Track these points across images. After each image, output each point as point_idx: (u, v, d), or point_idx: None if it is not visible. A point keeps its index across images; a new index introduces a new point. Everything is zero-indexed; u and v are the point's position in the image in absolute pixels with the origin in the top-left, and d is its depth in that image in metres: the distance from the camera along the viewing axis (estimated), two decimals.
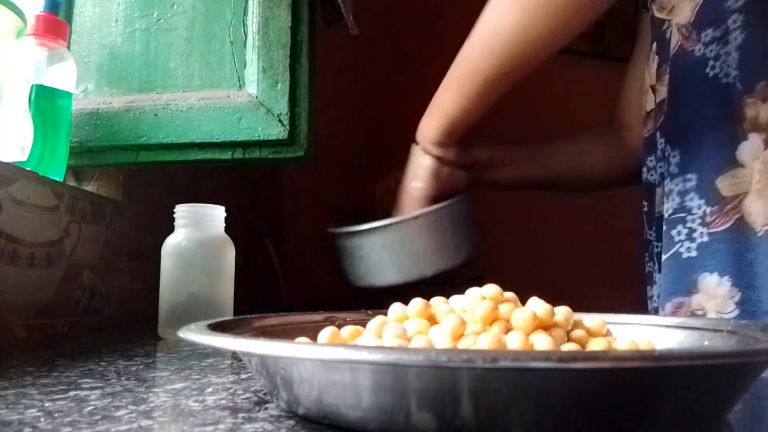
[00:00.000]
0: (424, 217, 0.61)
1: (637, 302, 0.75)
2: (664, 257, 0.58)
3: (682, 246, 0.56)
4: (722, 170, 0.54)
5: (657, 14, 0.62)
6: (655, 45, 0.63)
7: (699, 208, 0.55)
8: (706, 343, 0.31)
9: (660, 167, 0.62)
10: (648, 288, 0.69)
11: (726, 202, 0.53)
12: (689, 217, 0.56)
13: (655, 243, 0.64)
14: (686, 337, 0.32)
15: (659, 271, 0.62)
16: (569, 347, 0.27)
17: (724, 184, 0.54)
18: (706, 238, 0.54)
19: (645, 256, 0.69)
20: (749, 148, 0.52)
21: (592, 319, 0.30)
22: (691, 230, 0.56)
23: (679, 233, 0.57)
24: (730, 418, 0.25)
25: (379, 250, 0.62)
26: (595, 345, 0.28)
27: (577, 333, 0.29)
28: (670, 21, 0.60)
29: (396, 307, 0.31)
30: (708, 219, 0.54)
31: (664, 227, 0.59)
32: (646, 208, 0.67)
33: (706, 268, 0.54)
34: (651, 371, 0.20)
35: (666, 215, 0.59)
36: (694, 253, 0.55)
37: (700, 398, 0.22)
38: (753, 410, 0.28)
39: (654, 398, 0.20)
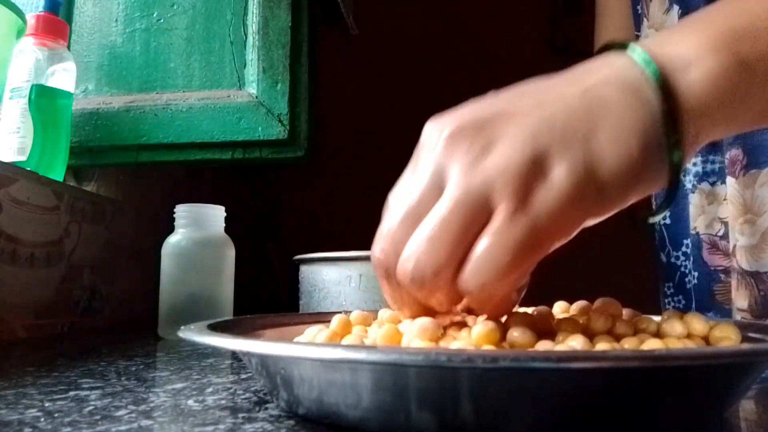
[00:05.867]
0: None
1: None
2: None
3: None
4: None
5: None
6: None
7: None
8: None
9: None
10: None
11: None
12: None
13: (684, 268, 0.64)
14: None
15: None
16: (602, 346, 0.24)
17: None
18: None
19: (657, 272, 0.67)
20: None
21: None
22: None
23: None
24: (730, 417, 0.25)
25: None
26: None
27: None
28: None
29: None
30: None
31: None
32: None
33: None
34: (651, 371, 0.20)
35: None
36: None
37: (700, 398, 0.22)
38: (753, 409, 0.28)
39: (654, 398, 0.20)
